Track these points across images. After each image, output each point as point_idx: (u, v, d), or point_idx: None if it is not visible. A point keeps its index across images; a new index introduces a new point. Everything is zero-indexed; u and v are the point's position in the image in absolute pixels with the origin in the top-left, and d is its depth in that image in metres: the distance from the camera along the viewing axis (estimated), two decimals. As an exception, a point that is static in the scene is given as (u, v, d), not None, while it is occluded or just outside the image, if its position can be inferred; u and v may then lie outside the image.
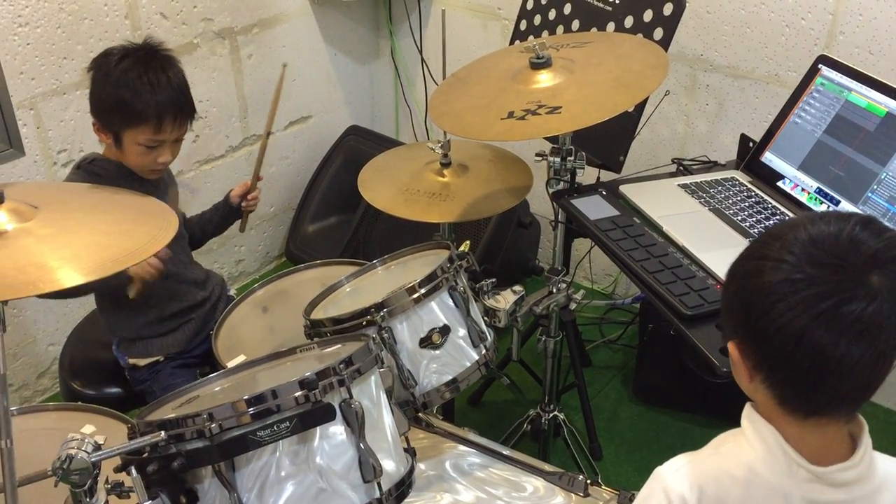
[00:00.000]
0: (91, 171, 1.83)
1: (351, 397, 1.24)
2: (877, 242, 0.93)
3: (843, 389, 0.95)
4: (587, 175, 1.97)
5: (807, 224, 0.97)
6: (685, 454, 1.09)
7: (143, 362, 1.96)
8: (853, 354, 0.91)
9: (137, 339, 1.96)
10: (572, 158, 1.88)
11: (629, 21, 2.08)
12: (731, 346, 1.02)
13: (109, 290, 1.89)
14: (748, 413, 1.05)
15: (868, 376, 0.94)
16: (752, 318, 0.97)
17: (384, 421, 1.33)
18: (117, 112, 1.75)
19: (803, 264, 0.93)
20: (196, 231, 2.14)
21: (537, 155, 1.94)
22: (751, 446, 1.03)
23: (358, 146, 3.13)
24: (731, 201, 1.77)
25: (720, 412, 2.43)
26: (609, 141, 2.12)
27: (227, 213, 2.13)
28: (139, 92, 1.74)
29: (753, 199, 1.78)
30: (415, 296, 1.55)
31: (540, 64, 1.75)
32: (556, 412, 2.29)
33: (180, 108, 1.80)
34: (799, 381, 0.97)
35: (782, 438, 1.00)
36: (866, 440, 1.01)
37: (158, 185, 1.93)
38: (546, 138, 2.06)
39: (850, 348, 0.91)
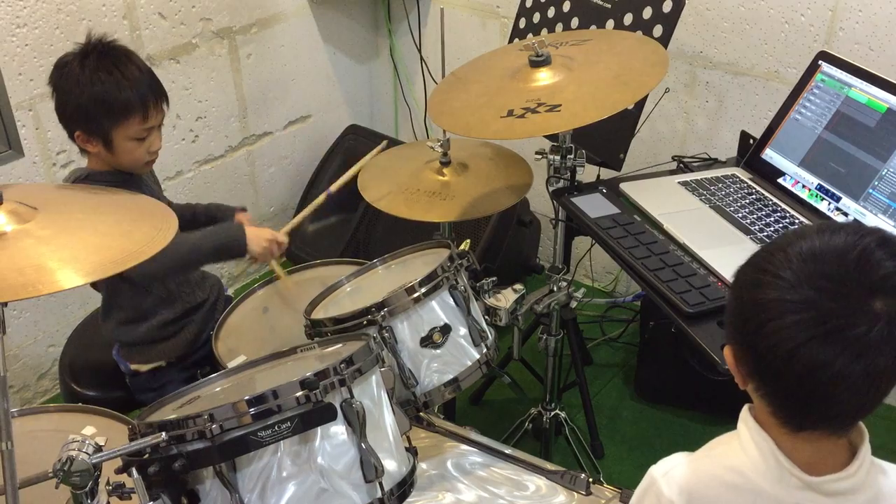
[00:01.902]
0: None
1: (352, 397, 1.24)
2: (893, 265, 0.89)
3: (834, 410, 0.94)
4: (587, 173, 1.96)
5: (814, 235, 0.94)
6: (679, 454, 1.09)
7: (144, 368, 1.95)
8: (846, 377, 0.89)
9: (138, 344, 1.95)
10: (572, 156, 1.88)
11: (628, 18, 2.08)
12: (726, 351, 1.01)
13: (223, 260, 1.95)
14: (744, 416, 1.04)
15: (860, 399, 0.92)
16: (747, 330, 0.96)
17: (385, 420, 1.33)
18: (103, 113, 1.73)
19: (802, 282, 0.90)
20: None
21: (537, 153, 1.93)
22: (744, 451, 1.02)
23: (357, 145, 3.13)
24: (731, 198, 1.76)
25: (722, 409, 2.42)
26: (609, 139, 2.12)
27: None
28: (118, 86, 1.73)
29: (754, 197, 1.77)
30: (415, 295, 1.54)
31: (539, 62, 1.75)
32: (557, 411, 2.29)
33: (157, 91, 1.80)
34: (788, 398, 0.96)
35: (775, 446, 0.99)
36: (865, 450, 1.00)
37: (146, 182, 1.92)
38: (546, 136, 2.05)
39: (844, 371, 0.89)
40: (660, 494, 1.05)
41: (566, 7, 2.22)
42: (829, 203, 1.69)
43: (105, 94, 1.72)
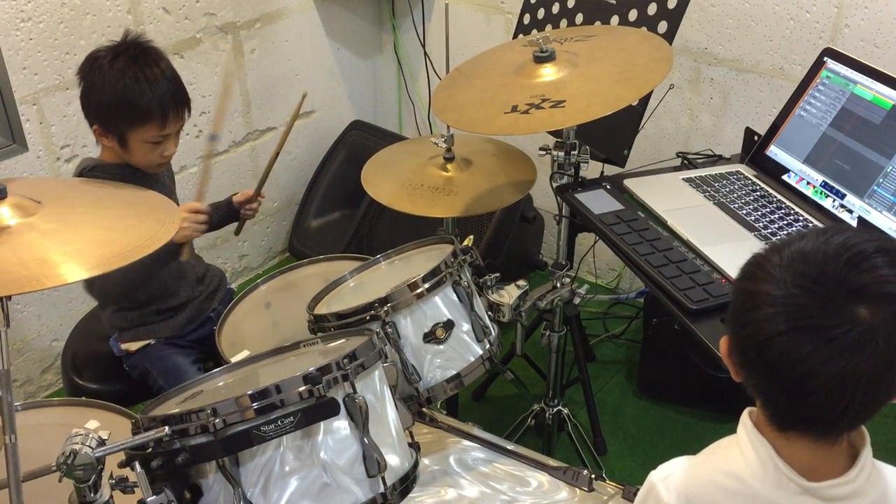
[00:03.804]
0: (96, 179, 1.82)
1: (355, 392, 1.24)
2: (890, 273, 0.89)
3: (810, 412, 0.93)
4: (591, 169, 1.96)
5: (814, 236, 0.94)
6: (680, 458, 1.09)
7: (134, 346, 1.97)
8: (816, 376, 0.89)
9: (131, 327, 1.97)
10: (576, 153, 1.88)
11: (633, 14, 2.08)
12: (722, 340, 1.02)
13: (165, 264, 1.88)
14: (744, 420, 1.04)
15: (835, 405, 0.91)
16: (733, 318, 0.97)
17: (388, 416, 1.33)
18: (122, 114, 1.75)
19: (786, 280, 0.91)
20: None
21: (541, 149, 1.93)
22: (742, 456, 1.02)
23: (361, 141, 3.13)
24: (735, 195, 1.76)
25: (724, 406, 2.43)
26: (613, 135, 2.12)
27: (227, 215, 2.08)
28: (141, 91, 1.74)
29: (758, 193, 1.77)
30: (418, 291, 1.54)
31: (543, 58, 1.74)
32: (560, 407, 2.29)
33: (180, 100, 1.81)
34: (766, 393, 0.97)
35: (773, 451, 0.99)
36: (866, 454, 0.99)
37: (159, 178, 1.93)
38: (550, 132, 2.05)
39: (815, 369, 0.89)
40: (659, 499, 1.05)
41: (570, 3, 2.22)
42: (834, 200, 1.68)
43: (128, 97, 1.73)
